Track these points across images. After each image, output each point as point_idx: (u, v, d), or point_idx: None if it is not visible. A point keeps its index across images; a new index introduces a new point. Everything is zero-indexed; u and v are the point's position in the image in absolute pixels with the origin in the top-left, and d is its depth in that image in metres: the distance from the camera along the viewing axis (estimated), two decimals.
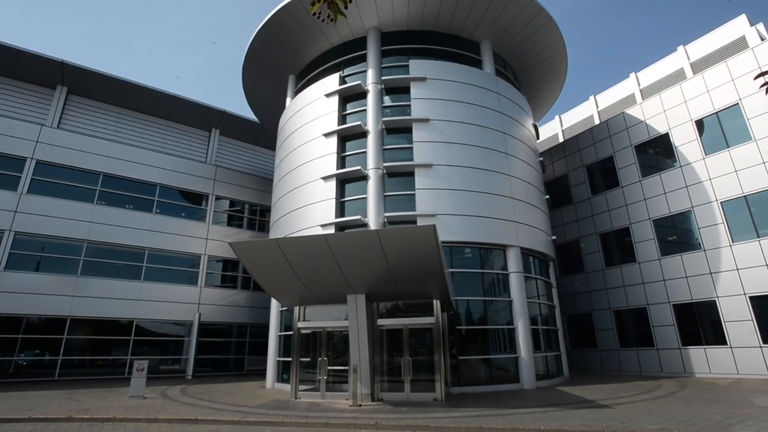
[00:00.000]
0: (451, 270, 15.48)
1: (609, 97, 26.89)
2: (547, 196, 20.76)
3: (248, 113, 27.07)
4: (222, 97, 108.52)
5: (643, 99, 23.85)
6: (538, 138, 22.62)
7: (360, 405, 11.95)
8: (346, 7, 3.42)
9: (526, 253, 17.49)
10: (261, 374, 21.37)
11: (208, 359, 23.16)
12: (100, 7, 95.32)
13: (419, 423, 9.27)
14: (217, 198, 25.63)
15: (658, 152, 20.88)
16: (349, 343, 12.81)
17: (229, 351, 24.22)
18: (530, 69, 22.78)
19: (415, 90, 17.95)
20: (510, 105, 19.49)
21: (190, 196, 24.99)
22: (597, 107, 27.58)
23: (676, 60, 23.14)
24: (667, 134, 20.28)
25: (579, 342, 22.67)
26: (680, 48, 22.96)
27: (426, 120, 17.35)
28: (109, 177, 22.49)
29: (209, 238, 24.43)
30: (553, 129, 30.90)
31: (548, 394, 13.74)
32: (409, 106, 17.84)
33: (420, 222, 15.68)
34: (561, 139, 29.27)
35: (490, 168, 17.33)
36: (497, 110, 18.70)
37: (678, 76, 22.63)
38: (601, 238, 22.41)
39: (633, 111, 22.04)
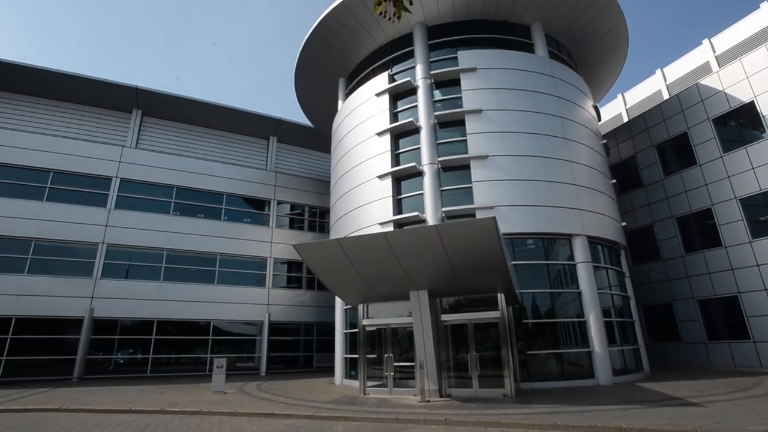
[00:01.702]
0: (513, 263, 15.06)
1: (678, 68, 24.72)
2: (614, 181, 19.53)
3: (303, 119, 27.99)
4: (278, 106, 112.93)
5: (720, 67, 21.67)
6: (599, 120, 21.35)
7: (428, 401, 11.98)
8: (411, 3, 3.47)
9: (593, 242, 16.59)
10: (329, 371, 22.03)
11: (279, 357, 24.29)
12: (162, 35, 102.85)
13: (489, 419, 9.13)
14: (279, 203, 26.77)
15: (741, 124, 18.92)
16: (413, 339, 12.88)
17: (298, 349, 25.24)
18: (587, 47, 21.53)
19: (465, 81, 17.63)
20: (566, 87, 18.56)
21: (253, 202, 26.33)
22: (665, 81, 25.47)
23: (758, 19, 20.77)
24: (752, 103, 18.31)
25: (659, 335, 21.13)
26: (764, 5, 20.58)
27: (478, 111, 16.99)
28: (182, 189, 24.27)
29: (273, 242, 25.59)
30: (615, 109, 28.98)
31: (627, 390, 12.96)
32: (461, 98, 17.55)
33: (479, 215, 15.40)
34: (625, 119, 27.38)
35: (548, 155, 16.63)
36: (553, 94, 17.89)
37: (762, 37, 20.30)
38: (678, 221, 20.73)
39: (708, 81, 20.14)
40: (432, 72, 18.30)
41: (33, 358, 19.78)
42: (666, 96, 24.73)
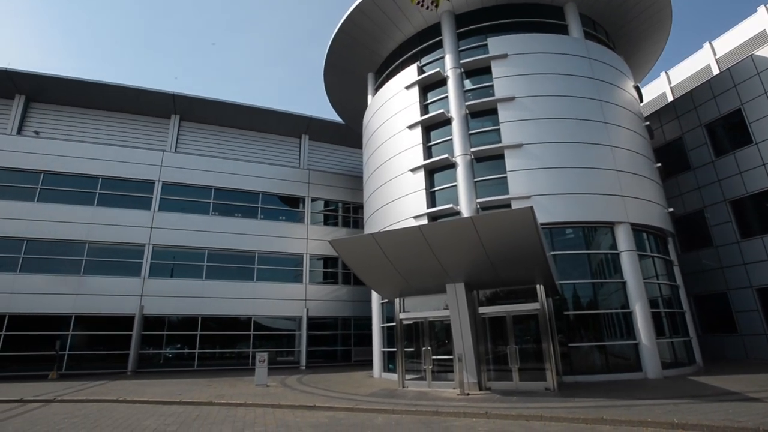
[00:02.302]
0: (552, 253, 14.64)
1: (729, 40, 23.08)
2: (659, 164, 18.54)
3: (333, 116, 28.23)
4: (308, 104, 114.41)
5: None
6: (641, 101, 20.31)
7: (468, 394, 11.88)
8: None
9: (638, 230, 15.87)
10: (367, 364, 22.27)
11: (318, 351, 24.77)
12: (192, 40, 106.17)
13: (532, 413, 8.94)
14: (313, 200, 27.18)
15: None
16: (450, 332, 12.78)
17: (336, 343, 25.64)
18: (625, 25, 20.48)
19: (496, 69, 17.19)
20: (604, 69, 17.75)
21: (288, 200, 26.86)
22: (714, 54, 23.87)
23: None
24: None
25: (713, 326, 20.01)
26: None
27: (511, 99, 16.54)
28: (219, 190, 25.07)
29: (309, 238, 26.04)
30: (659, 88, 27.48)
31: (678, 384, 12.36)
32: (492, 86, 17.15)
33: (514, 205, 15.04)
34: (670, 98, 25.92)
35: (586, 141, 15.99)
36: (589, 77, 17.16)
37: None
38: (732, 205, 19.49)
39: (766, 51, 18.71)
40: (462, 61, 17.96)
41: (91, 352, 21.10)
42: (716, 71, 23.19)
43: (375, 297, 19.03)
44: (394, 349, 15.64)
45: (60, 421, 9.64)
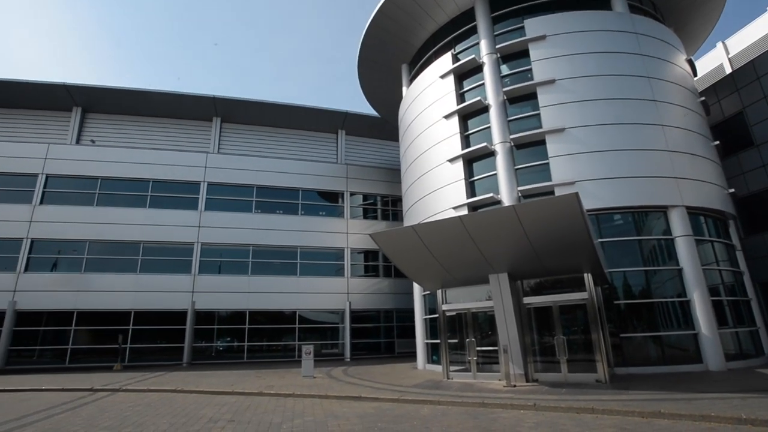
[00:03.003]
0: (600, 240, 14.05)
1: None
2: (717, 142, 17.32)
3: (368, 110, 28.29)
4: (343, 100, 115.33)
5: None
6: (695, 75, 18.99)
7: (514, 385, 11.69)
8: None
9: (694, 213, 14.93)
10: (411, 356, 22.37)
11: (362, 343, 25.12)
12: (228, 42, 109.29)
13: (583, 405, 8.66)
14: (351, 194, 27.44)
15: None
16: (494, 323, 12.59)
17: (380, 335, 25.89)
18: None
19: (534, 51, 16.59)
20: (652, 43, 16.71)
21: (327, 195, 27.27)
22: None
23: None
24: None
25: None
26: None
27: (551, 81, 15.93)
28: (261, 188, 25.82)
29: (349, 232, 26.35)
30: (715, 60, 25.51)
31: (744, 377, 11.59)
32: (530, 70, 16.57)
33: (558, 192, 14.52)
34: (728, 70, 24.03)
35: (634, 121, 15.15)
36: (636, 53, 16.21)
37: None
38: None
39: None
40: (497, 46, 17.46)
41: (150, 346, 22.43)
42: None
43: (417, 289, 19.02)
44: (438, 341, 15.62)
45: (126, 409, 10.32)
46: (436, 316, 15.57)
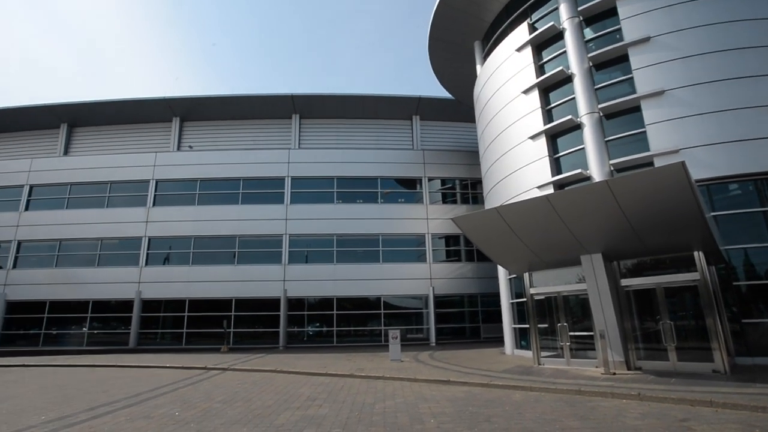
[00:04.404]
0: (712, 214, 12.47)
1: None
2: None
3: (442, 93, 27.76)
4: (417, 85, 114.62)
5: None
6: None
7: (614, 373, 10.93)
8: None
9: None
10: (497, 341, 21.91)
11: (447, 328, 25.12)
12: (298, 41, 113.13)
13: (698, 397, 7.84)
14: (429, 179, 27.29)
15: None
16: (587, 307, 11.84)
17: (464, 320, 25.68)
18: None
19: (623, 8, 14.98)
20: None
21: (405, 182, 27.42)
22: None
23: None
24: None
25: None
26: None
27: (645, 39, 14.30)
28: (341, 179, 26.70)
29: (429, 218, 26.32)
30: None
31: None
32: (619, 30, 15.03)
33: (658, 162, 13.10)
34: None
35: (755, 73, 13.07)
36: None
37: None
38: None
39: None
40: (580, 8, 16.05)
41: (250, 330, 24.49)
42: None
43: (502, 272, 18.48)
44: (526, 326, 15.10)
45: (235, 386, 11.42)
46: (524, 300, 15.02)
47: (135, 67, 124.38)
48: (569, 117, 15.18)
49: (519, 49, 17.72)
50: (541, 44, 17.31)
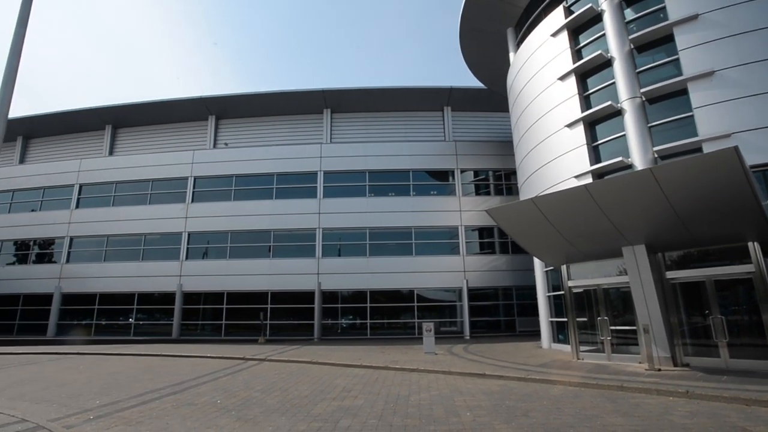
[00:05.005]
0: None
1: None
2: None
3: (473, 83, 27.24)
4: (447, 76, 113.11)
5: None
6: None
7: (659, 369, 10.51)
8: None
9: None
10: (533, 335, 21.46)
11: (481, 321, 24.82)
12: (329, 37, 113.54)
13: (754, 396, 7.41)
14: (462, 171, 26.92)
15: None
16: (629, 300, 11.40)
17: (499, 313, 25.30)
18: None
19: None
20: None
21: (437, 174, 27.17)
22: None
23: None
24: None
25: None
26: None
27: (693, 17, 13.45)
28: (372, 172, 26.74)
29: (462, 210, 25.98)
30: None
31: None
32: (663, 8, 14.19)
33: (707, 148, 12.34)
34: None
35: None
36: None
37: None
38: None
39: None
40: None
41: (285, 322, 25.06)
42: None
43: (538, 265, 18.03)
44: (564, 319, 14.70)
45: (273, 376, 11.71)
46: (561, 293, 14.61)
47: (169, 66, 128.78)
48: (609, 103, 14.54)
49: (554, 34, 17.10)
50: (577, 28, 16.64)
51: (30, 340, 24.16)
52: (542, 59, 17.62)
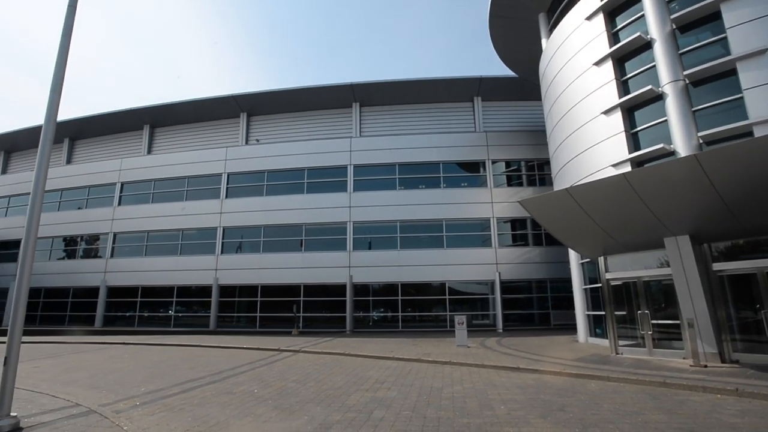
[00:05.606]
0: None
1: None
2: None
3: (503, 72, 26.60)
4: (476, 66, 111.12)
5: None
6: None
7: (705, 365, 10.04)
8: None
9: None
10: (568, 328, 20.96)
11: (514, 314, 24.43)
12: (362, 33, 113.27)
13: None
14: (493, 162, 26.42)
15: None
16: (671, 293, 10.91)
17: (532, 306, 24.81)
18: None
19: None
20: None
21: (468, 166, 26.79)
22: None
23: None
24: None
25: None
26: None
27: None
28: (402, 165, 26.65)
29: (494, 202, 25.54)
30: None
31: None
32: None
33: (759, 132, 11.59)
34: None
35: None
36: None
37: None
38: None
39: None
40: None
41: (318, 315, 25.47)
42: None
43: (573, 257, 17.52)
44: (601, 313, 14.27)
45: (307, 367, 11.94)
46: (598, 285, 14.16)
47: (201, 66, 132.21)
48: (649, 87, 13.85)
49: (589, 18, 16.41)
50: (614, 10, 15.90)
51: (79, 330, 25.68)
52: (576, 44, 16.98)
